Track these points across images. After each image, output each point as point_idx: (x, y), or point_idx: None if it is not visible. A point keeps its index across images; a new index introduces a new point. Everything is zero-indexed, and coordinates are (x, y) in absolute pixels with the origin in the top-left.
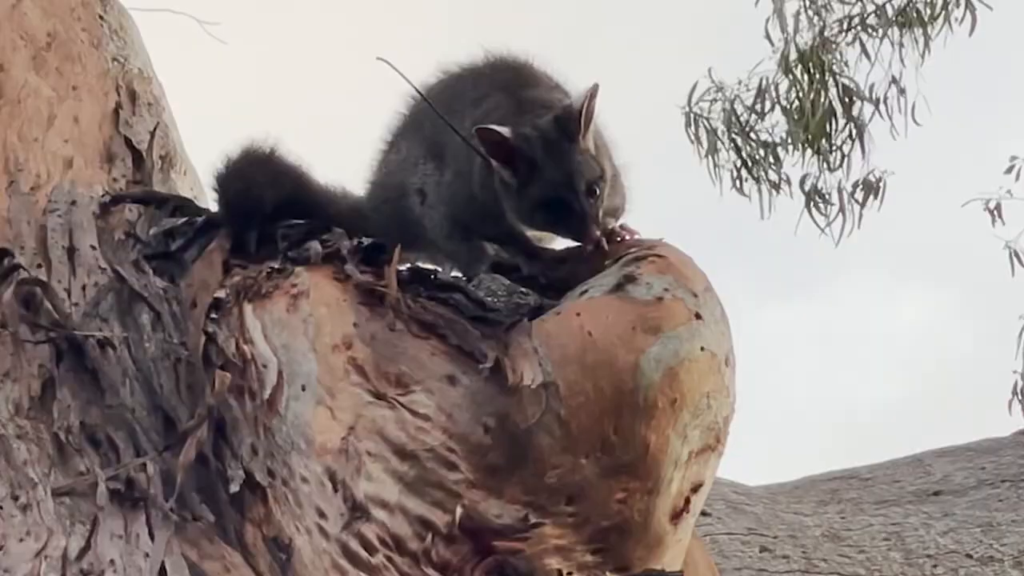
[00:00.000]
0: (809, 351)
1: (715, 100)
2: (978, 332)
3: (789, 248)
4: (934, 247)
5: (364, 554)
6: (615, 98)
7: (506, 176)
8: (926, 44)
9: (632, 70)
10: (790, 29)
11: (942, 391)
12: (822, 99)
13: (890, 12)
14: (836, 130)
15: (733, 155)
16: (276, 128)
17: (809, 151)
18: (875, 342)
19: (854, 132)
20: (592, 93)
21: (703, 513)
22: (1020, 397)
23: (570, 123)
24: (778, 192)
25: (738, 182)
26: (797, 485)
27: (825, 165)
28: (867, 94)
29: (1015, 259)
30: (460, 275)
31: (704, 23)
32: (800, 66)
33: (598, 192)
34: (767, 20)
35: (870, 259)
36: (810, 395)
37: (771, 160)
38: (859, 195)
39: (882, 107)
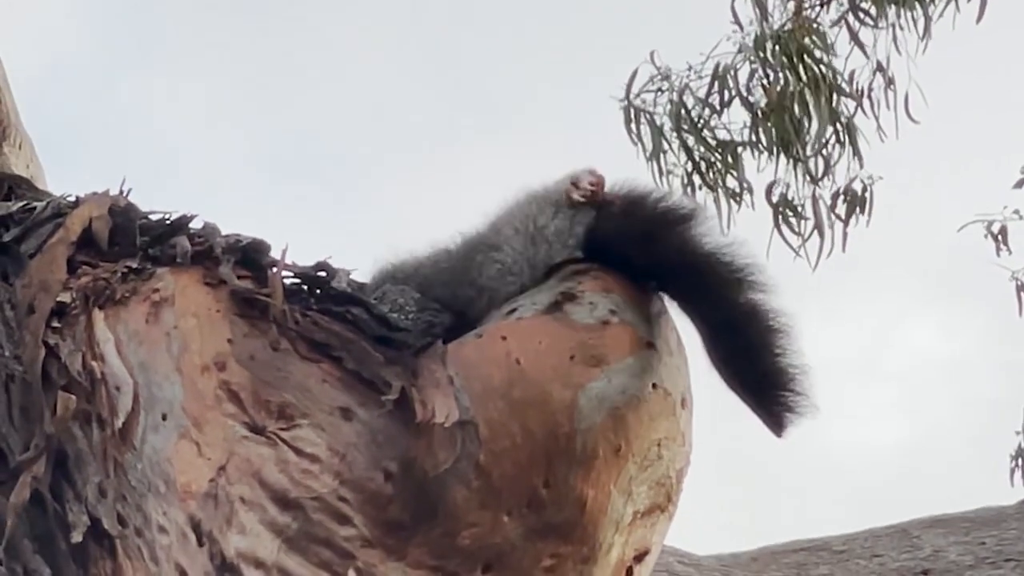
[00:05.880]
0: None
1: (660, 91)
2: (992, 372)
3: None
4: (933, 267)
5: None
6: (539, 89)
7: None
8: (927, 27)
9: (559, 55)
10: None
11: (942, 442)
12: (798, 91)
13: None
14: (819, 130)
15: (684, 157)
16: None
17: (782, 155)
18: (866, 376)
19: (841, 133)
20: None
21: None
22: (1021, 464)
23: None
24: (739, 203)
25: (689, 190)
26: (756, 556)
27: (805, 174)
28: (847, 85)
29: (1023, 295)
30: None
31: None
32: (776, 49)
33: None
34: None
35: (857, 276)
36: (777, 442)
37: (730, 163)
38: (841, 208)
39: (866, 101)
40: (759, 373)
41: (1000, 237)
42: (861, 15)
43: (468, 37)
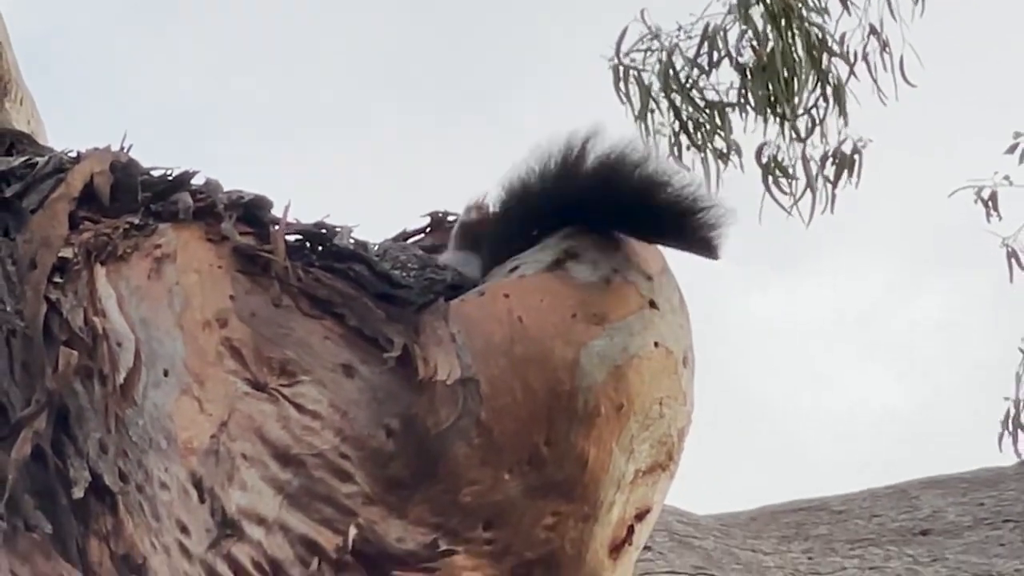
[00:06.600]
0: (777, 347)
1: (650, 50)
2: (993, 336)
3: (757, 225)
4: (930, 231)
5: None
6: (528, 47)
7: None
8: None
9: (548, 11)
10: None
11: (943, 405)
12: (786, 51)
13: None
14: (807, 90)
15: (672, 117)
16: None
17: (770, 115)
18: (866, 339)
19: (829, 93)
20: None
21: (643, 547)
22: (1011, 429)
23: None
24: (726, 163)
25: (676, 150)
26: (755, 516)
27: (792, 134)
28: (838, 47)
29: (1013, 261)
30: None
31: None
32: (763, 9)
33: None
34: None
35: (854, 239)
36: (775, 402)
37: (718, 124)
38: (830, 170)
39: (860, 63)
40: (662, 208)
41: (990, 203)
42: None
43: None
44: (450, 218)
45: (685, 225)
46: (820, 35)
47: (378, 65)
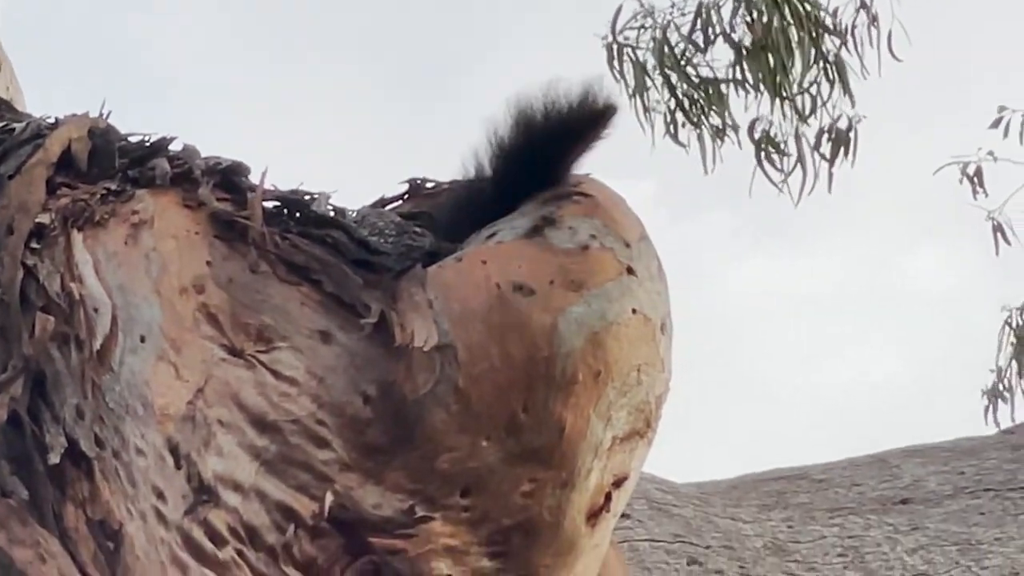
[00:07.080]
0: (771, 321)
1: (644, 28)
2: (982, 309)
3: (750, 201)
4: (924, 205)
5: (210, 546)
6: (518, 29)
7: None
8: None
9: None
10: None
11: (929, 377)
12: (782, 27)
13: None
14: (805, 67)
15: (667, 94)
16: None
17: (766, 93)
18: (857, 311)
19: (830, 71)
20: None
21: (622, 515)
22: (992, 399)
23: None
24: (722, 140)
25: (672, 127)
26: (735, 485)
27: (792, 112)
28: (830, 19)
29: (999, 235)
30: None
31: None
32: None
33: None
34: None
35: (847, 214)
36: (767, 376)
37: (713, 101)
38: (826, 147)
39: (848, 38)
40: (565, 115)
41: (976, 179)
42: None
43: None
44: (428, 184)
45: (588, 112)
46: (816, 13)
47: (375, 54)
